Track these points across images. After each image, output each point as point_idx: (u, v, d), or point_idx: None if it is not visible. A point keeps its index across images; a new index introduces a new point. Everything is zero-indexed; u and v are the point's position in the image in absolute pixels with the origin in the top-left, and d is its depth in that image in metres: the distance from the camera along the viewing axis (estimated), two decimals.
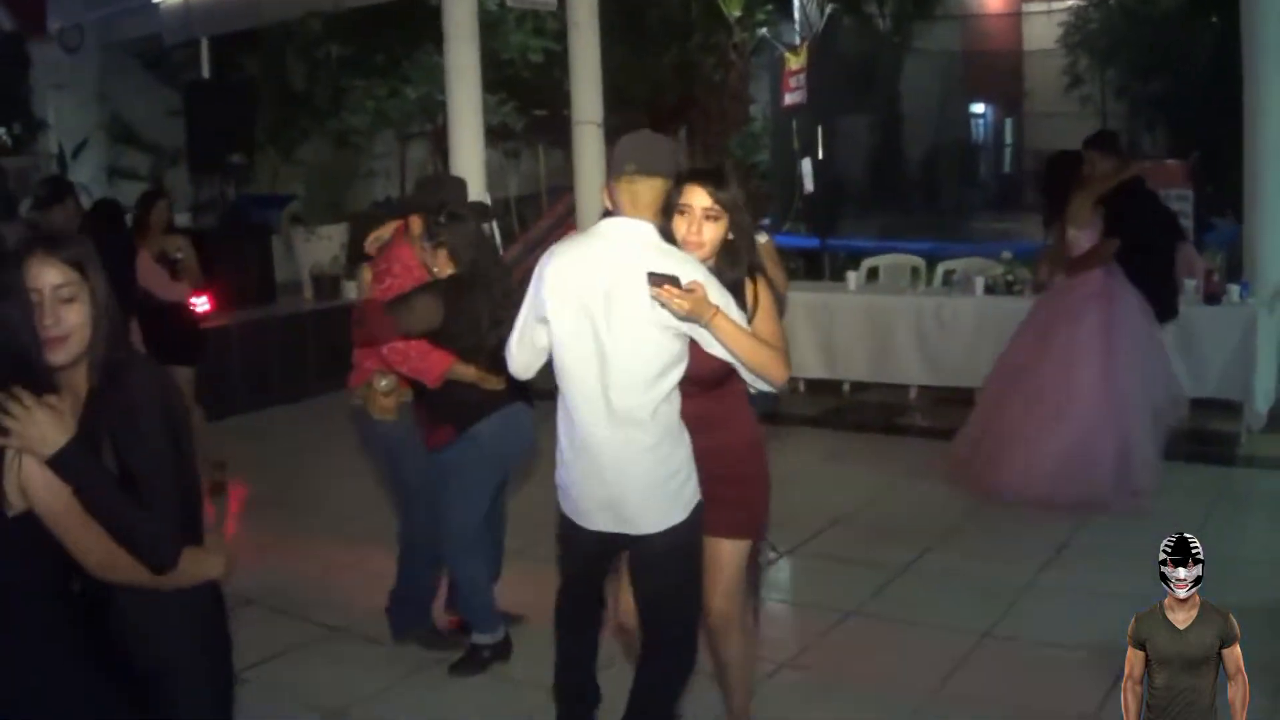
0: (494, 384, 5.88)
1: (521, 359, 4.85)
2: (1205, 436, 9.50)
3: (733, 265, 4.72)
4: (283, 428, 12.03)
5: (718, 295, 4.53)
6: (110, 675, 3.52)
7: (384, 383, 6.24)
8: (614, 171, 4.67)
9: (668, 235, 4.65)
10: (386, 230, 6.50)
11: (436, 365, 5.88)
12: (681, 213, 4.62)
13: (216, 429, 9.82)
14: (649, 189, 4.62)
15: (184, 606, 3.62)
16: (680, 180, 4.64)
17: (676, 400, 4.64)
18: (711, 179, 4.64)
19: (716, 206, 4.60)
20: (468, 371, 5.90)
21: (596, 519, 4.70)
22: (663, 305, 4.38)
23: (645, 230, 4.62)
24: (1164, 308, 8.68)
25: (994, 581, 7.05)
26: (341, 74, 17.54)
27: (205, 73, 16.38)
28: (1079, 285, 8.43)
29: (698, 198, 4.60)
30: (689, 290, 4.31)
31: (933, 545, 7.65)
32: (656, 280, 4.31)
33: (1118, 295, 8.34)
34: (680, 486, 4.65)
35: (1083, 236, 8.37)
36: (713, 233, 4.63)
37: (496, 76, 16.55)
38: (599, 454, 4.63)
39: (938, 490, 8.77)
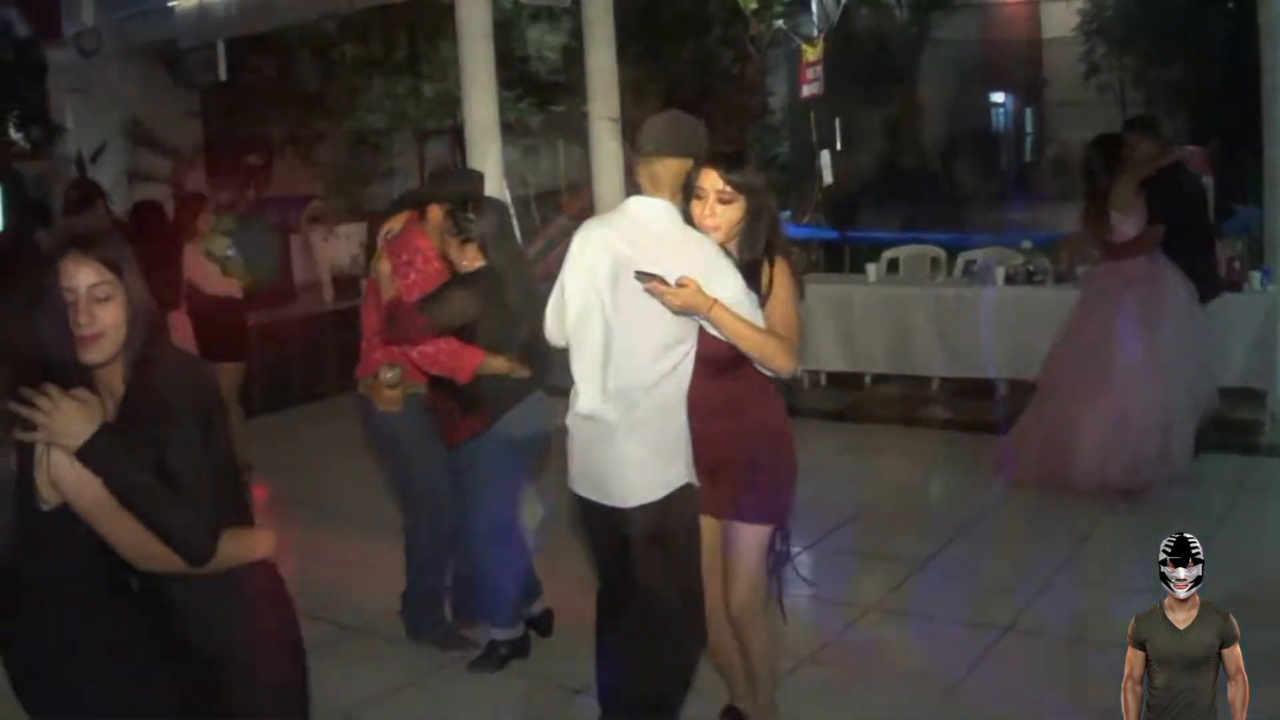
0: (523, 373, 5.91)
1: (555, 328, 4.96)
2: (1228, 425, 9.42)
3: (750, 247, 4.75)
4: (301, 428, 12.05)
5: (731, 282, 4.59)
6: (163, 668, 3.56)
7: (389, 374, 6.24)
8: (636, 152, 4.79)
9: (690, 216, 4.72)
10: (397, 222, 6.49)
11: (468, 362, 5.88)
12: (698, 196, 4.67)
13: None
14: (666, 169, 4.72)
15: (236, 592, 3.65)
16: (697, 163, 4.70)
17: (678, 380, 4.69)
18: (725, 161, 4.67)
19: (729, 189, 4.63)
20: (499, 364, 5.91)
21: (586, 486, 4.77)
22: (657, 299, 4.47)
23: (664, 209, 4.72)
24: (1205, 288, 8.63)
25: (1016, 575, 7.01)
26: (357, 73, 17.56)
27: (222, 75, 16.41)
28: (1123, 270, 8.40)
29: (711, 180, 4.65)
30: (680, 285, 4.38)
31: (954, 538, 7.62)
32: (644, 277, 4.39)
33: (1160, 278, 8.31)
34: (664, 465, 4.68)
35: (1127, 222, 8.34)
36: (728, 215, 4.67)
37: (513, 73, 16.57)
38: (596, 422, 4.70)
39: (959, 483, 8.74)
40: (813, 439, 9.47)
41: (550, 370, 5.54)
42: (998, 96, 27.91)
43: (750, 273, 4.71)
